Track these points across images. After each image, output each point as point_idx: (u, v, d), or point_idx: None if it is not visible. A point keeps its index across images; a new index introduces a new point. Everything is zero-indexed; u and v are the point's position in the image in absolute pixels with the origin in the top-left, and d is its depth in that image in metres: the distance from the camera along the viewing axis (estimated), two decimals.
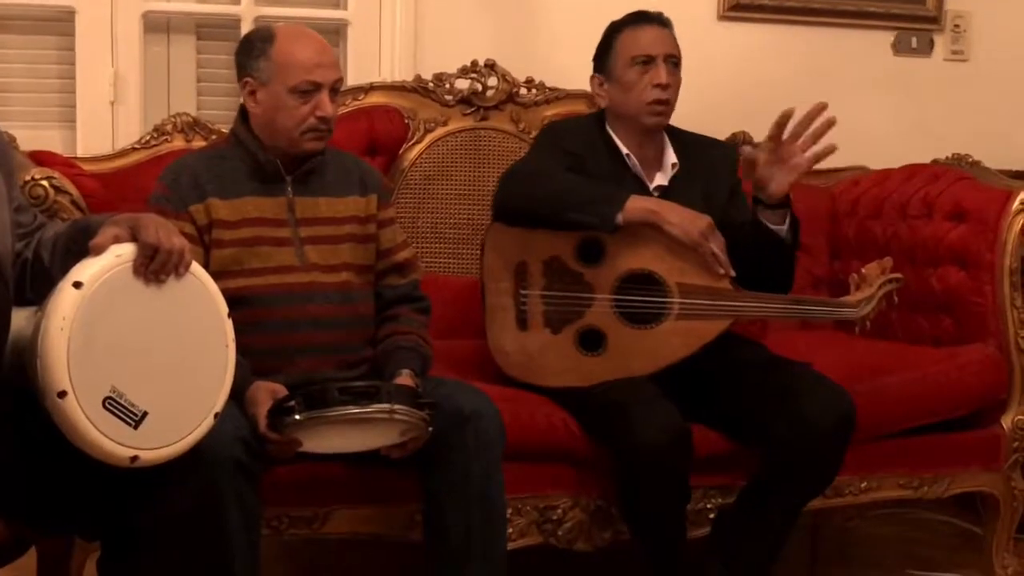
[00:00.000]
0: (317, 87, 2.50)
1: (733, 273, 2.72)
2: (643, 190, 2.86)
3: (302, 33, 2.56)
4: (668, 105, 2.87)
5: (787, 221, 2.78)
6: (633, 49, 2.87)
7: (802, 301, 2.89)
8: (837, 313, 2.84)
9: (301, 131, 2.52)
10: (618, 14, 2.97)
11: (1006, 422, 3.06)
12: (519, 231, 2.80)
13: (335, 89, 2.56)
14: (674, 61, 2.87)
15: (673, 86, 2.87)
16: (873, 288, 2.81)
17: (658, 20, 2.91)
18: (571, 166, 2.82)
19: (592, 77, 2.97)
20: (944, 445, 3.02)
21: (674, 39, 2.90)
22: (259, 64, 2.51)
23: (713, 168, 2.89)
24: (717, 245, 2.70)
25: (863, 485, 2.95)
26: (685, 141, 2.97)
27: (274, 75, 2.50)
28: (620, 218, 2.68)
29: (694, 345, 2.73)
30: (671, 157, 2.92)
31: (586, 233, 2.75)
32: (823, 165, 3.68)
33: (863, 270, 2.86)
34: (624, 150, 2.90)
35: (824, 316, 2.85)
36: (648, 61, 2.84)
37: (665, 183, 2.90)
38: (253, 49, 2.53)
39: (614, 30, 2.93)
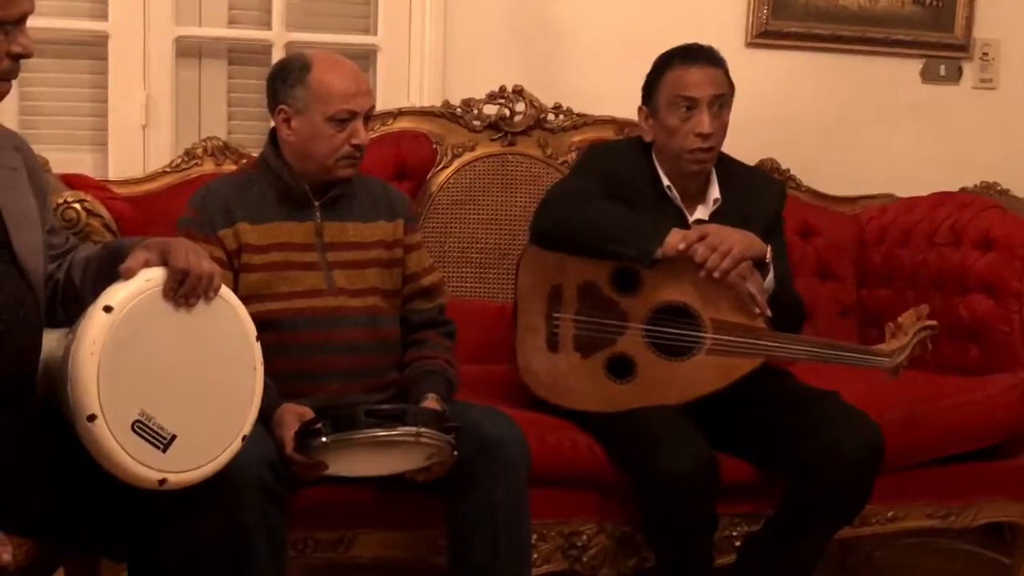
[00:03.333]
0: (353, 115, 2.52)
1: (769, 313, 2.71)
2: (682, 221, 2.84)
3: (337, 61, 2.57)
4: (711, 152, 2.82)
5: (768, 278, 2.75)
6: (677, 88, 2.81)
7: (835, 347, 2.86)
8: (871, 361, 2.77)
9: (336, 158, 2.53)
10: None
11: None
12: (555, 254, 2.80)
13: (368, 116, 2.58)
14: (721, 102, 2.82)
15: (718, 132, 2.82)
16: (908, 336, 2.76)
17: (709, 57, 2.84)
18: (611, 191, 2.81)
19: (640, 109, 2.92)
20: (972, 475, 3.01)
21: (723, 77, 2.84)
22: (295, 92, 2.52)
23: (755, 205, 2.85)
24: (754, 285, 2.69)
25: (890, 514, 2.94)
26: (733, 173, 2.94)
27: (311, 104, 2.51)
28: (659, 253, 2.67)
29: (723, 381, 2.71)
30: (714, 191, 2.90)
31: (623, 262, 2.75)
32: (852, 192, 3.72)
33: (899, 319, 2.80)
34: (666, 182, 2.88)
35: (857, 364, 2.82)
36: (692, 106, 2.80)
37: (705, 217, 2.88)
38: (289, 77, 2.54)
39: (664, 63, 2.87)
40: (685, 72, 2.82)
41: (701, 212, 2.89)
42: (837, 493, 2.60)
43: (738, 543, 2.78)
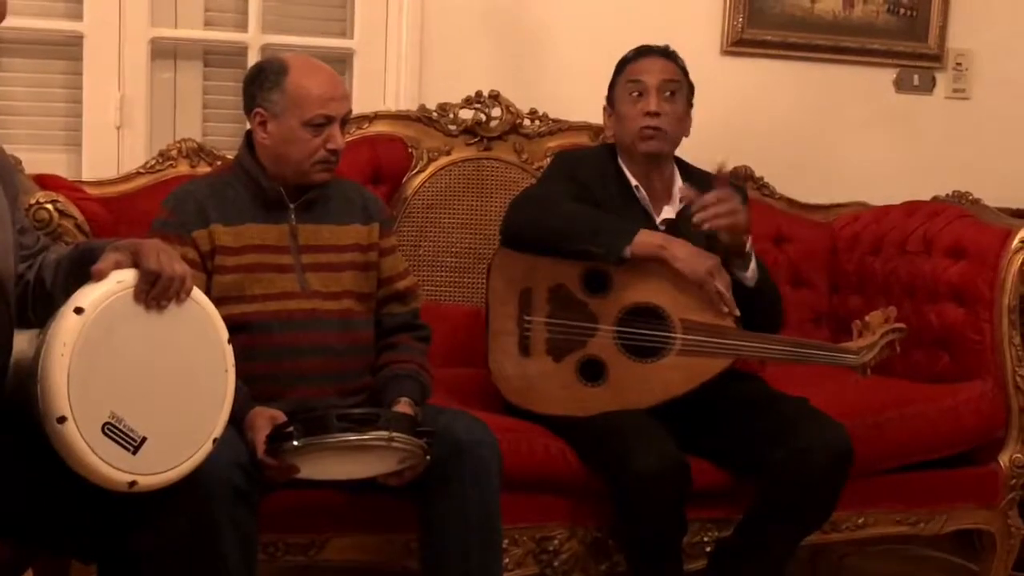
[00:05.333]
0: (330, 120, 2.52)
1: (737, 312, 2.73)
2: (650, 222, 2.87)
3: (315, 66, 2.57)
4: (660, 131, 2.87)
5: (750, 268, 2.78)
6: (629, 76, 2.92)
7: (803, 345, 2.89)
8: (838, 359, 2.81)
9: (312, 163, 2.53)
10: (621, 48, 3.00)
11: (1003, 460, 3.06)
12: (526, 257, 2.81)
13: (345, 121, 2.58)
14: (671, 89, 2.89)
15: (668, 114, 2.87)
16: (875, 336, 2.79)
17: (660, 52, 2.94)
18: (580, 195, 2.83)
19: (604, 108, 3.00)
20: (941, 482, 3.03)
21: (675, 68, 2.92)
22: (272, 96, 2.52)
23: None
24: (723, 284, 2.71)
25: (860, 520, 2.96)
26: (696, 176, 2.97)
27: (287, 108, 2.50)
28: (628, 251, 2.69)
29: (694, 381, 2.73)
30: (680, 190, 2.94)
31: (592, 263, 2.76)
32: (824, 200, 3.74)
33: (867, 317, 2.84)
34: (633, 182, 2.91)
35: (825, 361, 2.85)
36: (642, 90, 2.87)
37: (673, 216, 2.91)
38: (266, 80, 2.53)
39: (622, 61, 2.97)
40: (636, 63, 2.94)
41: (668, 212, 2.91)
42: (806, 498, 2.62)
43: (709, 548, 2.79)
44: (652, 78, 2.88)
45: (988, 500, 3.07)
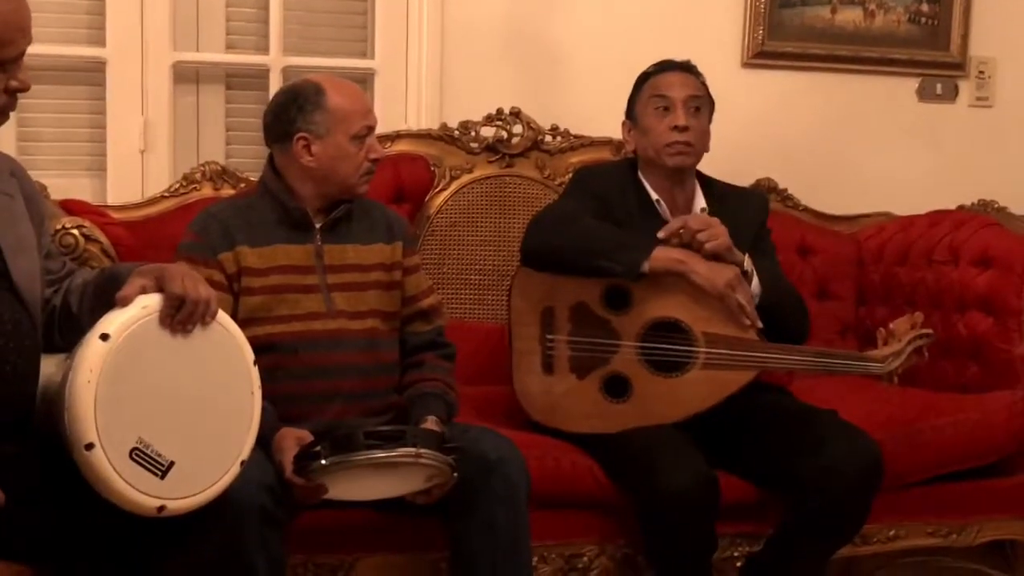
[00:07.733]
0: (370, 131, 2.57)
1: (760, 324, 2.72)
2: None
3: (344, 82, 2.62)
4: (689, 147, 2.87)
5: (753, 285, 2.77)
6: (653, 90, 2.91)
7: (828, 355, 2.88)
8: (863, 368, 2.81)
9: (359, 175, 2.57)
10: (641, 62, 3.00)
11: None
12: (546, 276, 2.81)
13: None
14: (696, 105, 2.89)
15: (695, 129, 2.87)
16: (902, 343, 2.79)
17: (682, 67, 2.94)
18: (600, 211, 2.84)
19: (623, 123, 3.00)
20: (973, 493, 3.00)
21: (699, 83, 2.93)
22: (314, 118, 2.53)
23: (741, 216, 2.88)
24: (743, 296, 2.70)
25: (891, 533, 2.94)
26: (716, 189, 2.98)
27: (333, 126, 2.53)
28: (646, 266, 2.69)
29: (719, 395, 2.72)
30: (700, 202, 2.94)
31: (613, 280, 2.75)
32: (849, 211, 3.72)
33: (891, 325, 2.84)
34: (654, 195, 2.91)
35: (850, 371, 2.84)
36: (668, 105, 2.87)
37: None
38: (306, 104, 2.54)
39: (643, 76, 2.97)
40: (660, 77, 2.93)
41: None
42: (836, 511, 2.60)
43: (739, 564, 2.78)
44: (678, 93, 2.88)
45: (1020, 511, 3.05)
